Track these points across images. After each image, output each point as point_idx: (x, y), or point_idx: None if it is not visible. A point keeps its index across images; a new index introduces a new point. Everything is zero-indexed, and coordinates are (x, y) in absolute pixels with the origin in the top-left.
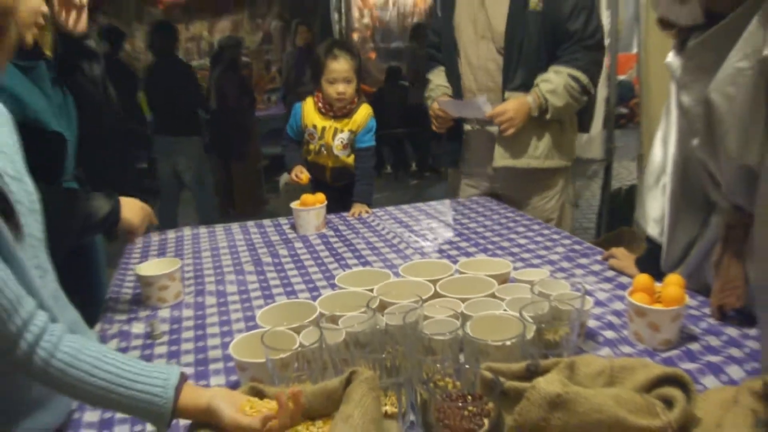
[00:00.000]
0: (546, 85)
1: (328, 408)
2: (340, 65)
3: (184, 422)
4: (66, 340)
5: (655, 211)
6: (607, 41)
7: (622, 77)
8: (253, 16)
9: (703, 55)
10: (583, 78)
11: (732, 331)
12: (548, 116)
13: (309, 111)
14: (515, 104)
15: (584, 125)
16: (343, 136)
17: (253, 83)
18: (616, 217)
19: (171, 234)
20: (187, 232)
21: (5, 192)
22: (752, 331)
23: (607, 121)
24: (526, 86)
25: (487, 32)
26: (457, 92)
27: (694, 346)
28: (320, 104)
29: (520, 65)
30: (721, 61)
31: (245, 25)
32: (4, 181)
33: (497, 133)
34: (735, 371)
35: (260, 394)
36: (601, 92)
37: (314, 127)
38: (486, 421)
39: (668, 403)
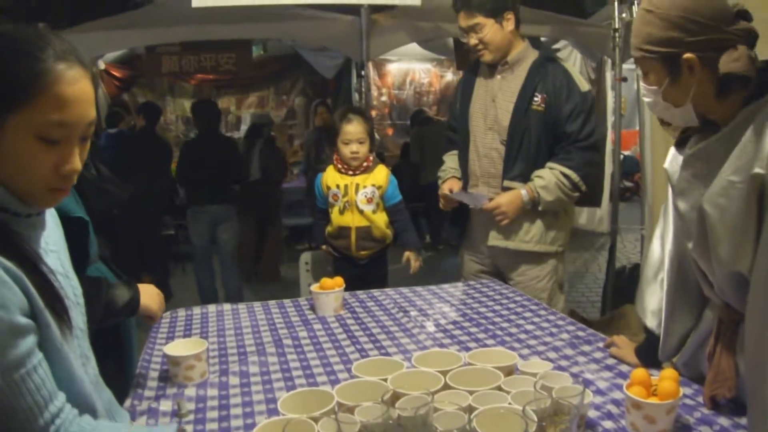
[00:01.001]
0: (539, 180)
1: None
2: (353, 127)
3: None
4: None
5: (653, 304)
6: (611, 119)
7: (626, 152)
8: (279, 92)
9: (698, 165)
10: (574, 176)
11: (724, 421)
12: (540, 208)
13: (330, 175)
14: (508, 199)
15: (596, 200)
16: (367, 190)
17: None
18: (621, 294)
19: (196, 310)
20: (211, 309)
21: (58, 290)
22: (743, 421)
23: (612, 196)
24: (524, 176)
25: (494, 124)
26: (464, 175)
27: None
28: (339, 165)
29: (520, 157)
30: (714, 171)
31: (270, 101)
32: (57, 279)
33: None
34: None
35: None
36: (608, 167)
37: (337, 186)
38: None
39: None
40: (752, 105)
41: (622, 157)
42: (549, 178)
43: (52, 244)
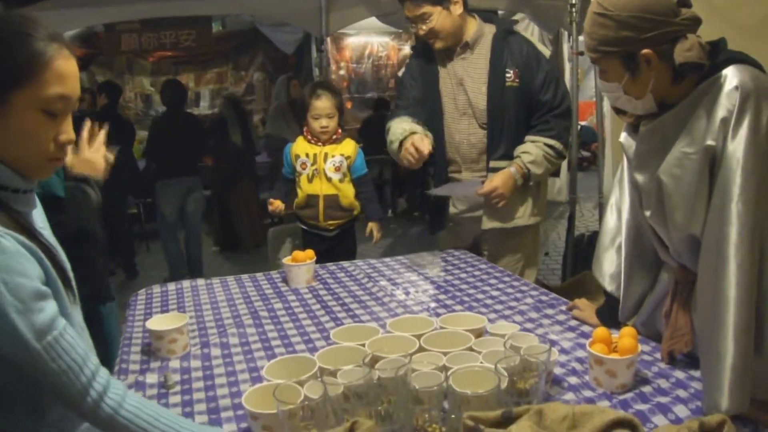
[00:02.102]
0: (526, 156)
1: None
2: (322, 103)
3: None
4: (129, 395)
5: (610, 269)
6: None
7: (583, 123)
8: (237, 68)
9: (654, 140)
10: (558, 145)
11: (680, 374)
12: (531, 183)
13: (299, 144)
14: (502, 180)
15: (555, 171)
16: (335, 159)
17: None
18: (581, 261)
19: (171, 286)
20: (186, 284)
21: (63, 262)
22: (696, 373)
23: (570, 166)
24: (508, 156)
25: (467, 109)
26: (443, 163)
27: (647, 389)
28: (309, 137)
29: (503, 137)
30: (669, 145)
31: (229, 77)
32: (59, 254)
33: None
34: (681, 410)
35: None
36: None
37: (306, 155)
38: None
39: None
40: (702, 84)
41: (579, 127)
42: (536, 152)
43: (40, 221)
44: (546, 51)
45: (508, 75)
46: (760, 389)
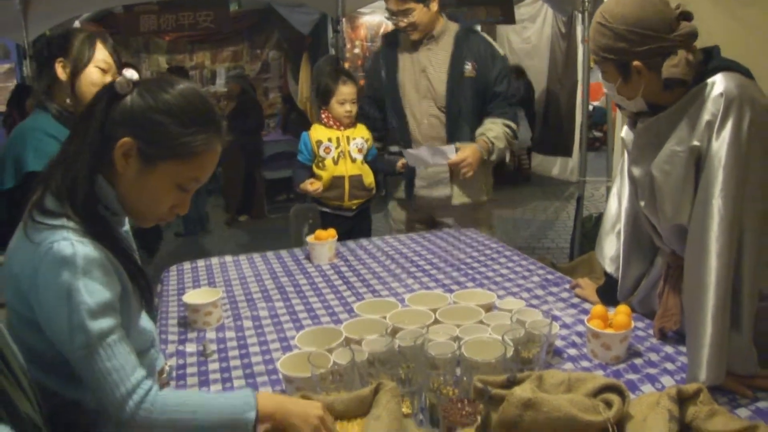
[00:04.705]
0: (490, 132)
1: (361, 411)
2: (348, 88)
3: None
4: (159, 397)
5: (610, 252)
6: (581, 72)
7: (596, 103)
8: (253, 47)
9: (648, 137)
10: (514, 126)
11: (669, 349)
12: (493, 158)
13: (318, 131)
14: (471, 151)
15: (567, 150)
16: (357, 141)
17: None
18: (590, 241)
19: (201, 263)
20: (214, 261)
21: (150, 280)
22: (684, 349)
23: (580, 147)
24: (467, 137)
25: (428, 93)
26: (406, 142)
27: (638, 361)
28: (330, 122)
29: (461, 121)
30: (661, 143)
31: (245, 55)
32: (143, 273)
33: (449, 176)
34: (667, 380)
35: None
36: (578, 118)
37: (329, 140)
38: (478, 418)
39: (609, 404)
40: (693, 89)
41: (591, 107)
42: (497, 129)
43: (128, 239)
44: (501, 50)
45: (467, 66)
46: (736, 364)
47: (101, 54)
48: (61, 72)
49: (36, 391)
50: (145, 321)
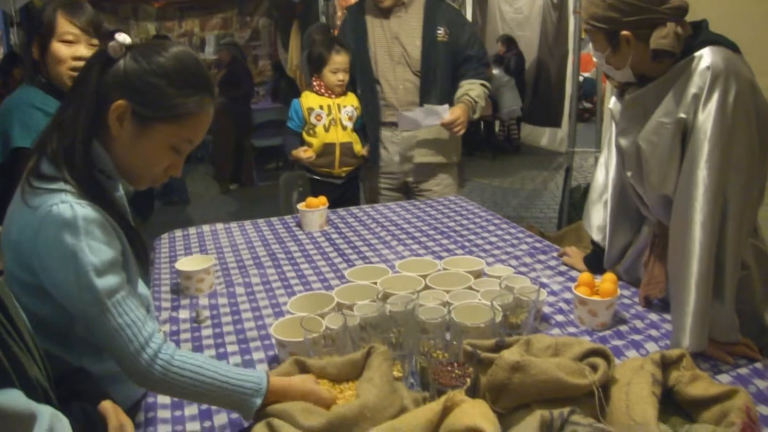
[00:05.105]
0: (472, 92)
1: (353, 374)
2: (341, 58)
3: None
4: (177, 353)
5: (597, 221)
6: (572, 43)
7: (586, 74)
8: (242, 14)
9: (636, 109)
10: (489, 86)
11: (654, 316)
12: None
13: (309, 98)
14: (462, 110)
15: (557, 120)
16: (348, 109)
17: None
18: (579, 210)
19: (192, 230)
20: (205, 228)
21: (145, 242)
22: (668, 316)
23: (570, 117)
24: (438, 101)
25: (402, 59)
26: (375, 109)
27: (623, 328)
28: (322, 90)
29: (435, 84)
30: (649, 114)
31: (234, 22)
32: (139, 234)
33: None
34: (651, 346)
35: (302, 364)
36: (568, 89)
37: (320, 107)
38: (468, 380)
39: (594, 368)
40: (681, 62)
41: (582, 78)
42: (477, 88)
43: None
44: (468, 17)
45: (439, 32)
46: (719, 332)
47: (63, 27)
48: (35, 50)
49: (43, 357)
50: (141, 286)
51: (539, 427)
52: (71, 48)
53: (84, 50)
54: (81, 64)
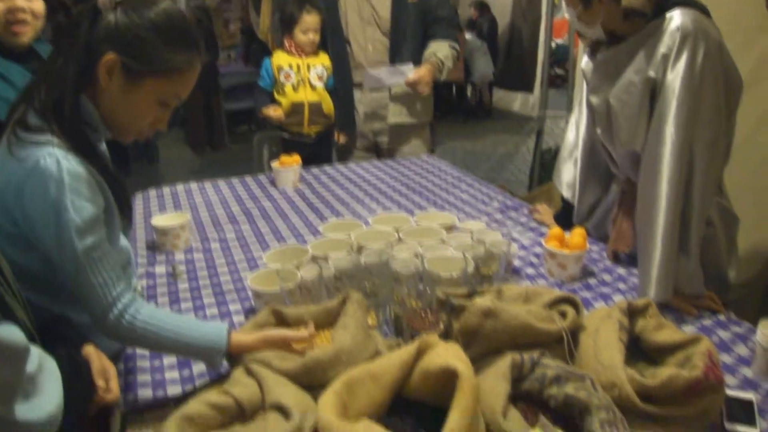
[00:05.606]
0: (440, 53)
1: (329, 322)
2: (312, 18)
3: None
4: (143, 312)
5: (568, 178)
6: (545, 8)
7: (559, 41)
8: None
9: (607, 68)
10: (457, 47)
11: (621, 271)
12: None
13: (280, 57)
14: (427, 70)
15: (529, 85)
16: (318, 69)
17: None
18: (548, 173)
19: (166, 189)
20: (179, 188)
21: (129, 197)
22: (635, 270)
23: (542, 82)
24: (413, 59)
25: (372, 19)
26: (346, 68)
27: (592, 281)
28: (292, 49)
29: (404, 45)
30: (619, 73)
31: None
32: (123, 187)
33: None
34: (619, 299)
35: (279, 313)
36: (541, 55)
37: (290, 66)
38: (441, 325)
39: (563, 315)
40: (652, 22)
41: (554, 45)
42: (445, 49)
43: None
44: None
45: None
46: (683, 284)
47: None
48: None
49: (26, 303)
50: (122, 239)
51: (510, 369)
52: (4, 1)
53: (22, 1)
54: (23, 16)
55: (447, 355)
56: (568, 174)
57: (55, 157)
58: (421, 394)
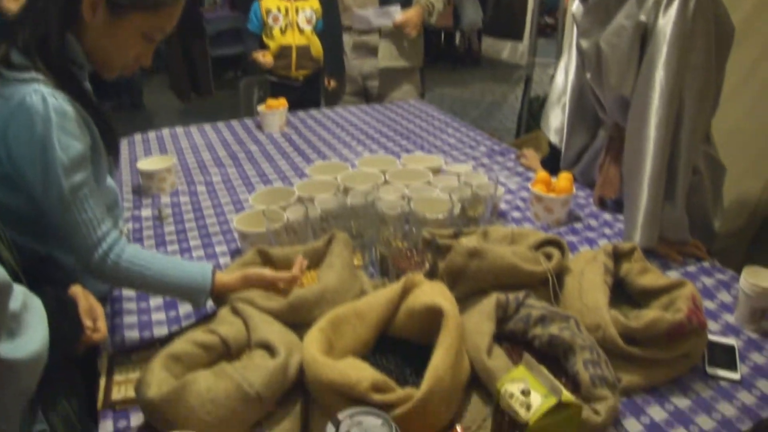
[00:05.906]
0: None
1: (315, 261)
2: None
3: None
4: (128, 252)
5: (555, 123)
6: None
7: None
8: None
9: (598, 12)
10: None
11: (607, 216)
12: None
13: (269, 1)
14: (415, 11)
15: (518, 34)
16: (306, 12)
17: None
18: (536, 120)
19: (152, 134)
20: (165, 132)
21: (117, 135)
22: (621, 216)
23: (531, 30)
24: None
25: None
26: (335, 11)
27: (578, 225)
28: None
29: None
30: (610, 17)
31: None
32: (111, 124)
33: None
34: (604, 243)
35: (265, 253)
36: (530, 2)
37: (278, 9)
38: (427, 264)
39: (549, 257)
40: None
41: None
42: None
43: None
44: None
45: None
46: (669, 231)
47: None
48: None
49: (11, 244)
50: (108, 179)
51: (495, 309)
52: None
53: None
54: None
55: (432, 293)
56: (555, 119)
57: (41, 94)
58: (407, 333)
